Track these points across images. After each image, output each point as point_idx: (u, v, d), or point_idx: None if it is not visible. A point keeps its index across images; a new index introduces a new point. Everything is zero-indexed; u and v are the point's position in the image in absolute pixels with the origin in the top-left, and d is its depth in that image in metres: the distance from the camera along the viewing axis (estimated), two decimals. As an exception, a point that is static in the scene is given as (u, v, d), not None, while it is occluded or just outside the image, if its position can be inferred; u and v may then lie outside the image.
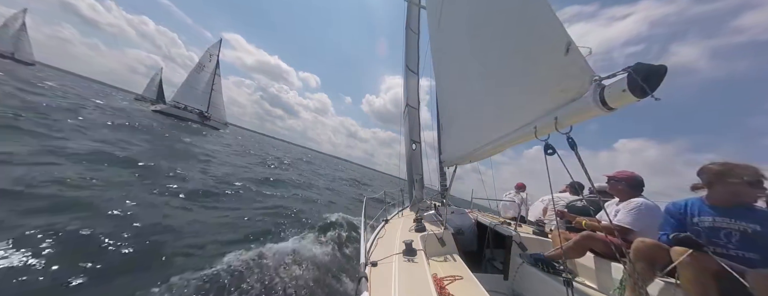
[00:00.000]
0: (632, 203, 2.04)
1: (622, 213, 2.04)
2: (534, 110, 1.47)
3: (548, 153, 1.22)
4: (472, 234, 3.09)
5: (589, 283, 2.07)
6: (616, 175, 2.22)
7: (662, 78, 0.86)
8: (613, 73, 0.99)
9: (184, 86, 33.73)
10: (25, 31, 48.55)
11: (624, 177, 2.17)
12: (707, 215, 1.52)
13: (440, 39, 3.38)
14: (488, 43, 2.11)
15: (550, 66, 1.37)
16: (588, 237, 2.02)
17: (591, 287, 2.01)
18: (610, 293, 1.83)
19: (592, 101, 1.04)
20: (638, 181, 2.14)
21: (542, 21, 1.42)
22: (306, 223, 5.36)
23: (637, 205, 2.00)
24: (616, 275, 1.84)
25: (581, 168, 1.09)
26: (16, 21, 47.35)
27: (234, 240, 3.81)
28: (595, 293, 1.92)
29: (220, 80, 37.66)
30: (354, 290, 1.27)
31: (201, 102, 34.81)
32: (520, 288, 2.26)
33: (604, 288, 1.94)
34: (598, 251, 2.06)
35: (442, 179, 4.13)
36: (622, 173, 2.21)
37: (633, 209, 2.00)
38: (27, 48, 47.59)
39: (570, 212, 2.81)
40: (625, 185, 2.15)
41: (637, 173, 2.16)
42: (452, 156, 3.18)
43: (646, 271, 1.51)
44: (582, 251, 2.07)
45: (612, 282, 1.86)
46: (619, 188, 2.18)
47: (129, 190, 4.39)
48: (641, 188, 2.14)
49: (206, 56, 35.90)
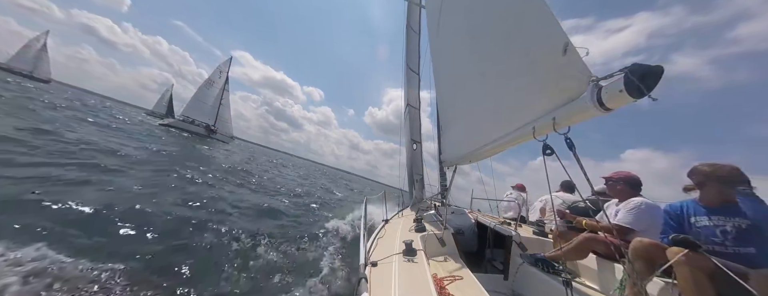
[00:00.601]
0: (632, 203, 2.03)
1: (622, 213, 2.03)
2: (532, 110, 1.47)
3: (547, 154, 1.22)
4: (472, 234, 3.09)
5: (589, 283, 2.07)
6: (613, 176, 2.21)
7: (659, 78, 0.86)
8: (610, 73, 0.99)
9: (194, 100, 34.56)
10: (46, 51, 51.91)
11: (621, 177, 2.16)
12: (703, 215, 1.55)
13: (439, 39, 3.39)
14: (487, 43, 2.11)
15: (548, 66, 1.38)
16: (589, 238, 2.02)
17: (591, 287, 2.01)
18: (611, 293, 1.83)
19: (589, 101, 1.05)
20: (636, 180, 2.13)
21: (540, 22, 1.43)
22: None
23: (637, 204, 2.00)
24: (617, 275, 1.84)
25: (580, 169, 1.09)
26: (38, 42, 50.74)
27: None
28: (596, 293, 1.92)
29: (228, 95, 38.62)
30: (354, 290, 1.28)
31: (209, 116, 35.58)
32: (520, 288, 2.26)
33: (605, 289, 1.94)
34: (599, 252, 2.05)
35: (442, 179, 4.13)
36: (618, 173, 2.20)
37: (633, 208, 2.00)
38: (45, 67, 51.07)
39: (571, 213, 2.80)
40: (624, 184, 2.14)
41: (633, 173, 2.15)
42: (452, 156, 3.18)
43: (644, 270, 1.52)
44: (584, 252, 2.07)
45: (612, 283, 1.86)
46: (618, 188, 2.17)
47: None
48: (639, 188, 2.13)
49: (216, 73, 37.00)
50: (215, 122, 36.13)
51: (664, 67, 0.85)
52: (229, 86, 38.87)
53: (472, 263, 2.27)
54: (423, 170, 4.48)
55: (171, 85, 65.24)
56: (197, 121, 33.60)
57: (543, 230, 2.93)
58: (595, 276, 2.06)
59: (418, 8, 5.40)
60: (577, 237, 2.07)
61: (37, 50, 50.01)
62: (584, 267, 2.16)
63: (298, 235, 5.11)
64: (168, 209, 4.34)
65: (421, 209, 3.61)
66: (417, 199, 4.32)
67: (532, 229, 3.06)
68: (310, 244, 4.78)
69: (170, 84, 66.23)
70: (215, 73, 36.92)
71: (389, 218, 3.14)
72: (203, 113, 34.93)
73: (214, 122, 35.91)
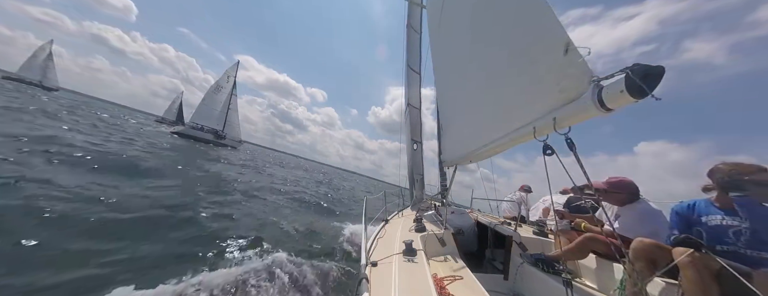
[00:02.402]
0: (631, 209, 2.00)
1: (622, 220, 2.01)
2: (533, 110, 1.47)
3: (547, 154, 1.22)
4: (472, 234, 3.09)
5: (589, 283, 2.07)
6: (604, 186, 2.08)
7: (660, 78, 0.86)
8: (611, 74, 0.99)
9: (202, 106, 34.43)
10: (52, 60, 52.57)
11: (615, 186, 2.05)
12: (716, 214, 1.51)
13: (440, 39, 3.38)
14: (488, 43, 2.11)
15: (549, 66, 1.37)
16: (590, 238, 2.01)
17: (591, 287, 2.01)
18: (611, 293, 1.83)
19: (590, 101, 1.04)
20: (631, 186, 2.03)
21: (542, 21, 1.42)
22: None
23: (638, 212, 1.95)
24: (617, 275, 1.84)
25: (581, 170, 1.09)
26: (43, 51, 51.21)
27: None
28: (596, 293, 1.92)
29: (236, 99, 38.46)
30: (354, 290, 1.28)
31: (218, 121, 35.54)
32: (520, 288, 2.26)
33: (605, 289, 1.94)
34: (599, 252, 2.05)
35: (442, 179, 4.12)
36: (610, 181, 2.08)
37: (632, 215, 1.97)
38: (53, 76, 52.09)
39: (570, 213, 2.80)
40: (618, 193, 2.05)
41: (627, 178, 2.07)
42: (452, 156, 3.18)
43: (644, 271, 1.51)
44: (584, 252, 2.06)
45: (613, 283, 1.86)
46: (615, 198, 2.07)
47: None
48: (637, 192, 2.04)
49: (224, 78, 36.68)
50: (224, 127, 36.13)
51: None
52: (237, 90, 38.83)
53: (472, 263, 2.27)
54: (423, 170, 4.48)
55: (181, 92, 66.95)
56: (206, 127, 33.71)
57: (543, 230, 2.93)
58: (595, 276, 2.06)
59: (418, 8, 5.40)
60: (578, 238, 2.07)
61: (43, 59, 50.77)
62: (584, 267, 2.16)
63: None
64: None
65: (421, 209, 3.61)
66: (417, 199, 4.32)
67: (532, 229, 3.06)
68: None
69: (180, 91, 68.52)
70: (223, 78, 36.72)
71: (389, 218, 3.14)
72: (212, 118, 34.87)
73: (223, 127, 35.92)
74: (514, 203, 4.60)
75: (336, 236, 5.80)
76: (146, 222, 3.99)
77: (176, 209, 4.73)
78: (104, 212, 3.84)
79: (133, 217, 3.97)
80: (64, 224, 3.30)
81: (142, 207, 4.42)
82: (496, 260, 2.87)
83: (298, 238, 5.14)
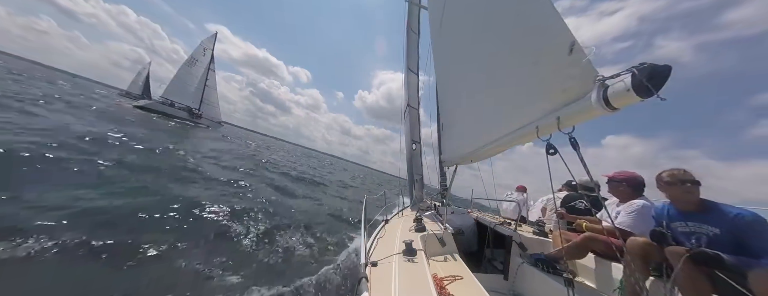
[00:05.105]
0: (633, 205, 2.01)
1: (623, 215, 2.02)
2: (536, 109, 1.47)
3: (550, 153, 1.22)
4: (472, 234, 3.08)
5: (589, 283, 2.07)
6: (615, 176, 2.16)
7: (667, 78, 0.86)
8: (617, 73, 0.98)
9: (175, 81, 30.53)
10: None
11: (625, 178, 2.12)
12: (679, 221, 1.59)
13: (442, 39, 3.38)
14: (490, 43, 2.10)
15: (552, 66, 1.37)
16: (589, 238, 2.02)
17: (591, 287, 2.01)
18: (611, 293, 1.83)
19: (595, 101, 1.04)
20: (639, 181, 2.09)
21: (545, 21, 1.42)
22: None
23: (638, 207, 1.98)
24: (617, 275, 1.84)
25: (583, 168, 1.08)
26: None
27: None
28: (596, 293, 1.92)
29: (214, 75, 34.39)
30: (354, 290, 1.27)
31: (193, 99, 31.92)
32: (520, 288, 2.26)
33: (605, 288, 1.94)
34: (599, 251, 2.05)
35: (442, 179, 4.12)
36: (621, 173, 2.15)
37: (633, 211, 1.98)
38: None
39: (570, 213, 2.79)
40: (627, 186, 2.11)
41: (637, 173, 2.11)
42: (453, 156, 3.18)
43: (641, 268, 1.54)
44: (584, 252, 2.06)
45: (612, 282, 1.86)
46: (620, 190, 2.14)
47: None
48: (642, 189, 2.09)
49: (200, 50, 32.94)
50: (200, 105, 32.41)
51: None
52: (215, 65, 34.61)
53: (472, 263, 2.27)
54: (423, 170, 4.48)
55: (148, 63, 59.76)
56: (178, 103, 29.82)
57: (543, 230, 2.92)
58: (595, 275, 2.06)
59: (418, 9, 5.40)
60: (578, 237, 2.07)
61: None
62: (584, 267, 2.16)
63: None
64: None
65: (421, 209, 3.60)
66: (417, 199, 4.31)
67: (532, 229, 3.06)
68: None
69: (147, 62, 60.14)
70: (198, 50, 32.70)
71: (389, 218, 3.13)
72: (186, 94, 31.06)
73: (199, 105, 32.20)
74: (515, 204, 4.61)
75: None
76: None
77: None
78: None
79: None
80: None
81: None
82: (496, 260, 2.87)
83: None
